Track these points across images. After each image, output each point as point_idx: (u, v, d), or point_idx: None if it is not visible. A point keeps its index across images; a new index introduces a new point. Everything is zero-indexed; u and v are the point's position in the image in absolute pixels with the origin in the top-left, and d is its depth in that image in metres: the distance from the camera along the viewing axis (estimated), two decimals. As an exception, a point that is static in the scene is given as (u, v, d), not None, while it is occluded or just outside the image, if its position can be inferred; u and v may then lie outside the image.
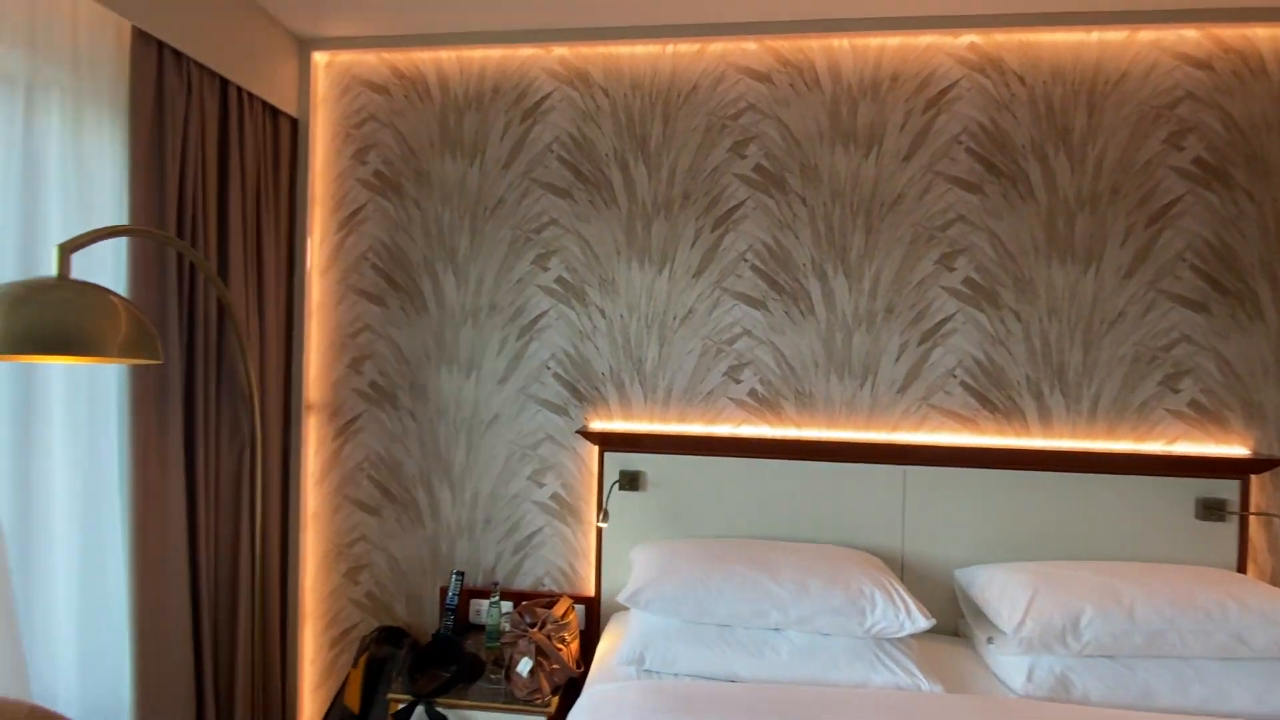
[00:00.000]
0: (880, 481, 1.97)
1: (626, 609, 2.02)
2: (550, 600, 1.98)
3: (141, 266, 1.64)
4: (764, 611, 1.61)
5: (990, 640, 1.70)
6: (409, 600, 2.21)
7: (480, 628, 2.10)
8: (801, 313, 2.05)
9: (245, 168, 1.97)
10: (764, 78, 2.07)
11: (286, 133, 2.19)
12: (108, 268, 1.62)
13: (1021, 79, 1.99)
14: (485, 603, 2.11)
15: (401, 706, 1.68)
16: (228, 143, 1.91)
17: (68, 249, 1.07)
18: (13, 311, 0.97)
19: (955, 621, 1.94)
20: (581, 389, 2.14)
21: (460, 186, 2.20)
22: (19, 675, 1.37)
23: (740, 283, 2.07)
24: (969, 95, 2.01)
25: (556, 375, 2.15)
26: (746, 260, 2.07)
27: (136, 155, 1.62)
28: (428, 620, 2.20)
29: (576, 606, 2.06)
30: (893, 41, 2.03)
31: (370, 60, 2.24)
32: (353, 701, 1.97)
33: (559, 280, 2.15)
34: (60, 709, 1.58)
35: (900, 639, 1.63)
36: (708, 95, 2.09)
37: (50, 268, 1.49)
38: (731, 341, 2.07)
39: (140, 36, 1.64)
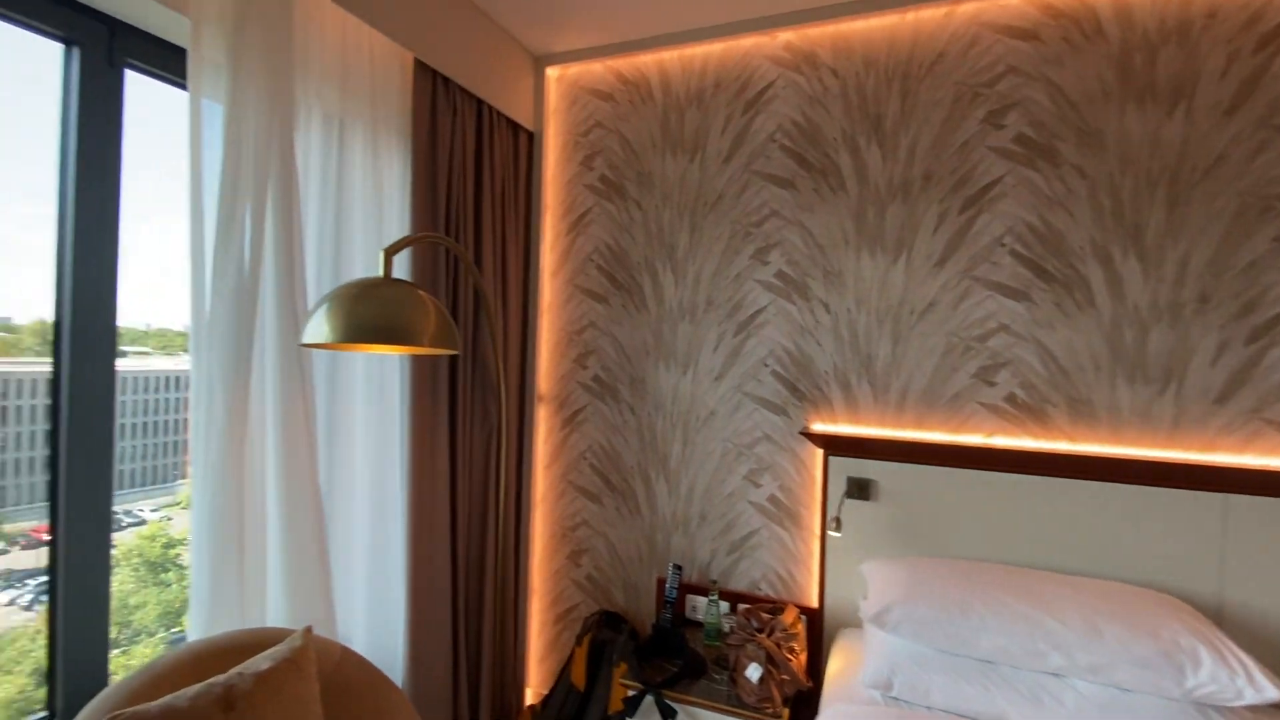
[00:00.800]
0: (1188, 511, 1.60)
1: (856, 625, 1.87)
2: (774, 606, 1.91)
3: (419, 267, 1.86)
4: (1041, 652, 1.38)
5: (1374, 731, 1.29)
6: (626, 587, 2.28)
7: (696, 623, 2.09)
8: (1077, 304, 1.74)
9: (494, 180, 2.17)
10: (1029, 35, 1.80)
11: (524, 145, 2.37)
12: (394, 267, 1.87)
13: None
14: (702, 599, 2.10)
15: (632, 694, 1.72)
16: (481, 157, 2.12)
17: (391, 252, 1.23)
18: (353, 307, 1.13)
19: (1301, 697, 1.52)
20: (802, 388, 2.04)
21: (680, 184, 2.21)
22: (329, 622, 1.62)
23: (996, 270, 1.82)
24: (1328, 22, 1.56)
25: (775, 373, 2.07)
26: (1004, 245, 1.82)
27: (417, 172, 1.85)
28: (643, 609, 2.25)
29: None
30: (1210, -31, 1.65)
31: (597, 69, 2.35)
32: (578, 679, 2.07)
33: (779, 274, 2.07)
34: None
35: (1233, 709, 1.30)
36: (956, 62, 1.87)
37: (356, 267, 1.75)
38: (984, 338, 1.83)
39: (420, 68, 1.87)
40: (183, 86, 1.68)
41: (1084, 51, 1.75)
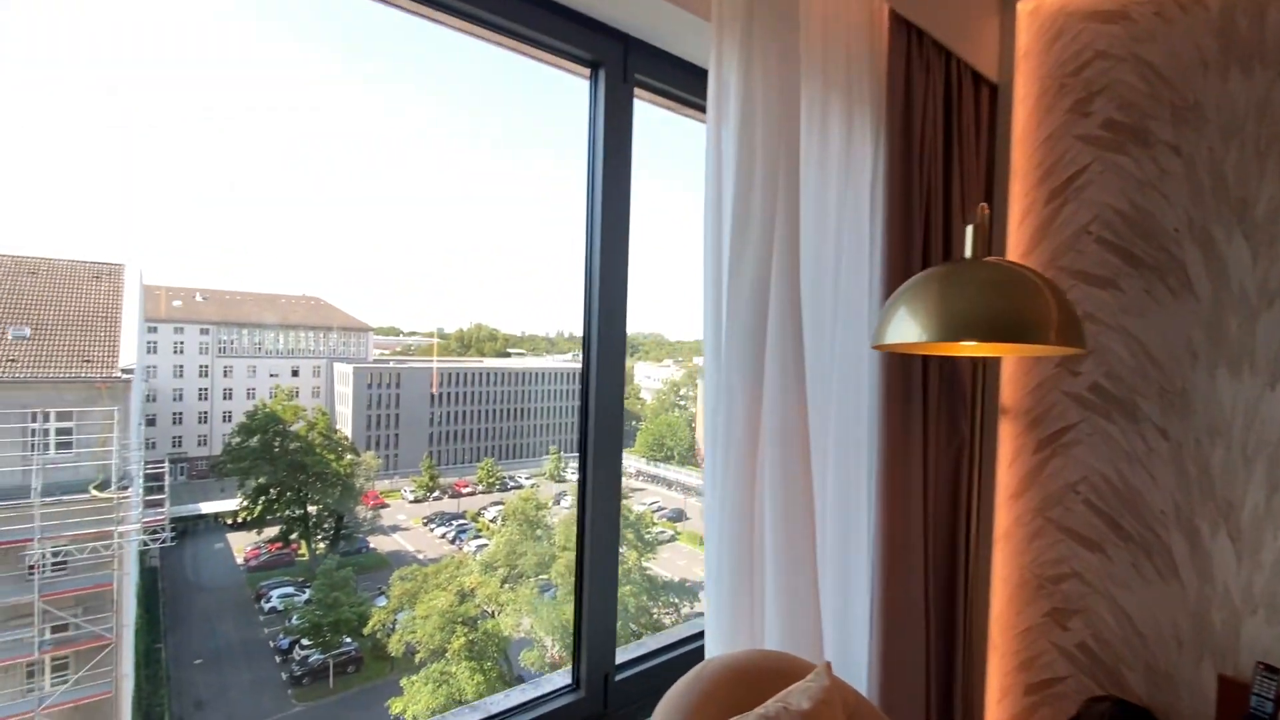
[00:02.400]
0: None
1: None
2: None
3: (890, 258, 1.61)
4: None
5: None
6: (1148, 673, 1.68)
7: (1304, 760, 1.40)
8: None
9: (961, 146, 1.81)
10: None
11: (986, 101, 1.95)
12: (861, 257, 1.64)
13: None
14: (1323, 728, 1.40)
15: None
16: (950, 121, 1.77)
17: (981, 227, 0.98)
18: (947, 297, 0.90)
19: None
20: None
21: (1259, 112, 1.53)
22: (817, 651, 1.46)
23: None
24: None
25: None
26: None
27: (892, 146, 1.59)
28: (1183, 709, 1.62)
29: None
30: None
31: (1099, -16, 1.80)
32: (1091, 784, 1.57)
33: None
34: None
35: None
36: None
37: (828, 260, 1.57)
38: None
39: (895, 23, 1.61)
40: (680, 100, 1.74)
41: None
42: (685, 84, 1.67)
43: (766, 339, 1.31)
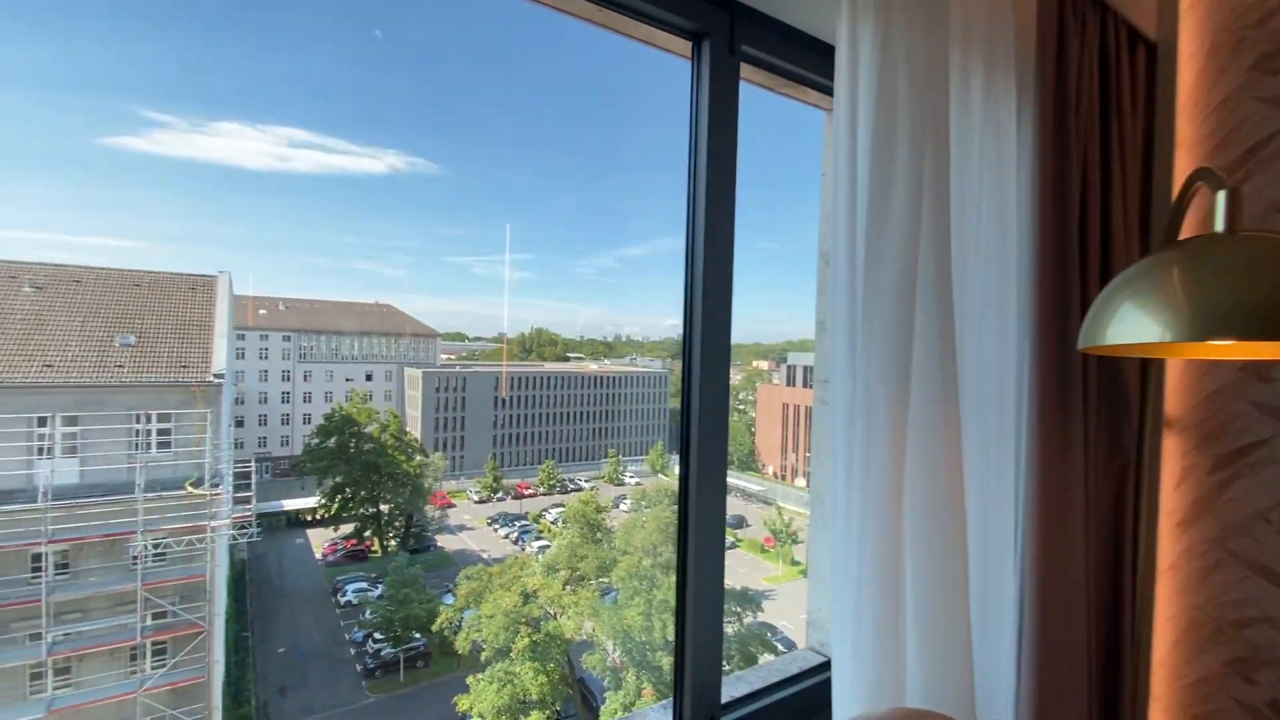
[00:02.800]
0: None
1: None
2: None
3: (1044, 242, 1.38)
4: None
5: None
6: (1375, 746, 1.38)
7: None
8: None
9: (1120, 116, 1.55)
10: None
11: (1142, 62, 1.68)
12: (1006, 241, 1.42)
13: None
14: None
15: None
16: (1108, 88, 1.53)
17: (1235, 194, 0.77)
18: (1198, 284, 0.69)
19: None
20: None
21: None
22: (969, 709, 1.25)
23: None
24: None
25: None
26: None
27: (1043, 112, 1.37)
28: None
29: None
30: None
31: (1294, -86, 1.51)
32: None
33: None
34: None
35: None
36: None
37: (968, 249, 1.36)
38: None
39: (1047, -26, 1.39)
40: (790, 75, 1.57)
41: None
42: (798, 57, 1.50)
43: (914, 339, 1.13)
